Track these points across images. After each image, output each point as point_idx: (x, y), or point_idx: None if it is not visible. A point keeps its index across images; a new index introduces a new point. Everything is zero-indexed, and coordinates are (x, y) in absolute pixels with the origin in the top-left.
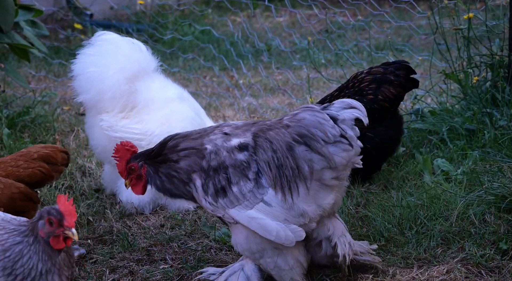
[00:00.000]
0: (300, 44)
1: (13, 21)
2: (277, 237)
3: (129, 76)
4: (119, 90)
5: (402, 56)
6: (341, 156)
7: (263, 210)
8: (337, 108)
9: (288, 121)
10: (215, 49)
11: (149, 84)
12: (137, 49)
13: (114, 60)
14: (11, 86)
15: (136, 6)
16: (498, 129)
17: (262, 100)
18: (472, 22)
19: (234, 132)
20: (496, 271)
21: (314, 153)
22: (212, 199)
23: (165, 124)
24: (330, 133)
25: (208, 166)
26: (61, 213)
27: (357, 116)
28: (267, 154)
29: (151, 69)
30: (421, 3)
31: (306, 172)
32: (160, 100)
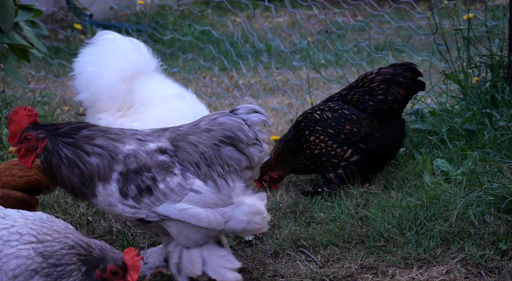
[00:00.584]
0: (300, 45)
1: (13, 21)
2: (209, 223)
3: (127, 75)
4: (116, 90)
5: (402, 57)
6: (258, 156)
7: (192, 200)
8: (243, 113)
9: (207, 125)
10: (215, 50)
11: (147, 83)
12: (137, 49)
13: (113, 60)
14: (10, 86)
15: (136, 7)
16: (498, 130)
17: (262, 100)
18: (472, 22)
19: (147, 138)
20: (495, 271)
21: (240, 153)
22: (135, 201)
23: (161, 121)
24: (249, 136)
25: (127, 170)
26: (127, 268)
27: (264, 119)
28: (193, 156)
29: (151, 69)
30: (421, 3)
31: (235, 169)
32: (157, 98)
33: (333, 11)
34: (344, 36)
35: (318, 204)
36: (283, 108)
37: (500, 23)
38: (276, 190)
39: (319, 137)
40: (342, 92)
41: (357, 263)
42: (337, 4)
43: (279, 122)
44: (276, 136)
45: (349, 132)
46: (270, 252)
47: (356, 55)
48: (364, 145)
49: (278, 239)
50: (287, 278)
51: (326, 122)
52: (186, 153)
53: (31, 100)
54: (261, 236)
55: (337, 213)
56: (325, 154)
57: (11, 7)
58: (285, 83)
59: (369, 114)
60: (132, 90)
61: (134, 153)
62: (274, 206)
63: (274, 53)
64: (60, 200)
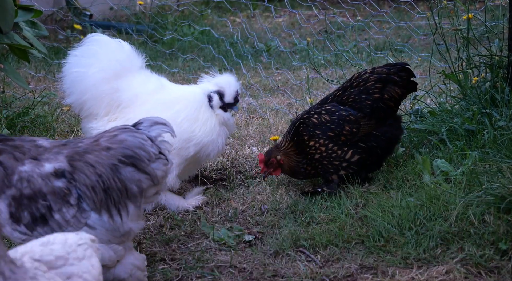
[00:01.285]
0: (299, 45)
1: (12, 21)
2: (102, 259)
3: (109, 75)
4: (99, 90)
5: (401, 57)
6: (162, 170)
7: None
8: (146, 127)
9: (107, 143)
10: (214, 50)
11: (132, 82)
12: (120, 49)
13: (95, 60)
14: (10, 86)
15: (135, 7)
16: (498, 130)
17: (262, 100)
18: (472, 22)
19: (43, 156)
20: (495, 271)
21: (141, 173)
22: (27, 229)
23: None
24: (151, 152)
25: (20, 195)
26: None
27: (167, 131)
28: (90, 179)
29: (136, 67)
30: (421, 3)
31: (135, 192)
32: (142, 95)
33: (333, 11)
34: (343, 36)
35: (318, 204)
36: (283, 108)
37: (500, 23)
38: (277, 176)
39: (319, 141)
40: (336, 93)
41: (357, 263)
42: (336, 4)
43: (279, 122)
44: (276, 136)
45: (349, 133)
46: (270, 252)
47: (355, 55)
48: (364, 144)
49: (278, 239)
50: (287, 278)
51: (325, 125)
52: (83, 175)
53: (31, 101)
54: (261, 236)
55: (337, 213)
56: (326, 157)
57: (11, 7)
58: (285, 83)
59: (367, 113)
60: (118, 90)
61: (28, 177)
62: (274, 206)
63: (274, 53)
64: None
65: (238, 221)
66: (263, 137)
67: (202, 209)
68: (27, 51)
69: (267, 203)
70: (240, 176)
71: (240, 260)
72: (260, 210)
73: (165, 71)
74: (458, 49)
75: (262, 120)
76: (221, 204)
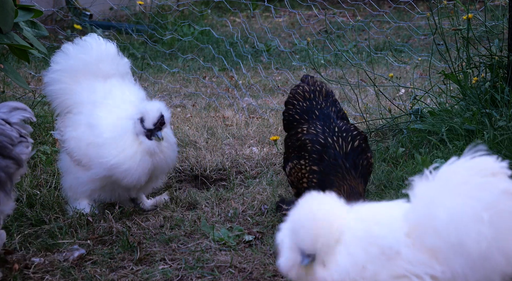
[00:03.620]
0: (299, 45)
1: (12, 21)
2: None
3: (70, 74)
4: (56, 86)
5: (401, 57)
6: (25, 154)
7: None
8: (6, 113)
9: None
10: (214, 50)
11: (92, 86)
12: (95, 49)
13: (64, 58)
14: (10, 86)
15: (135, 7)
16: (497, 130)
17: (262, 100)
18: (472, 22)
19: None
20: None
21: (7, 159)
22: None
23: (72, 127)
24: (13, 136)
25: None
26: None
27: (27, 116)
28: None
29: (106, 73)
30: (421, 3)
31: (4, 179)
32: (86, 103)
33: (333, 11)
34: (343, 36)
35: None
36: (283, 108)
37: (500, 23)
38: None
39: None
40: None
41: None
42: (336, 4)
43: (279, 122)
44: (276, 136)
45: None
46: (270, 252)
47: (355, 55)
48: None
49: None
50: (287, 278)
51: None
52: None
53: (31, 101)
54: (261, 236)
55: None
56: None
57: (11, 7)
58: (285, 83)
59: None
60: (72, 92)
61: None
62: (274, 206)
63: (274, 53)
64: (60, 200)
65: (238, 221)
66: (263, 137)
67: (202, 209)
68: (27, 51)
69: (267, 203)
70: (240, 176)
71: (240, 260)
72: (260, 210)
73: (165, 71)
74: (458, 49)
75: (262, 120)
76: (221, 204)
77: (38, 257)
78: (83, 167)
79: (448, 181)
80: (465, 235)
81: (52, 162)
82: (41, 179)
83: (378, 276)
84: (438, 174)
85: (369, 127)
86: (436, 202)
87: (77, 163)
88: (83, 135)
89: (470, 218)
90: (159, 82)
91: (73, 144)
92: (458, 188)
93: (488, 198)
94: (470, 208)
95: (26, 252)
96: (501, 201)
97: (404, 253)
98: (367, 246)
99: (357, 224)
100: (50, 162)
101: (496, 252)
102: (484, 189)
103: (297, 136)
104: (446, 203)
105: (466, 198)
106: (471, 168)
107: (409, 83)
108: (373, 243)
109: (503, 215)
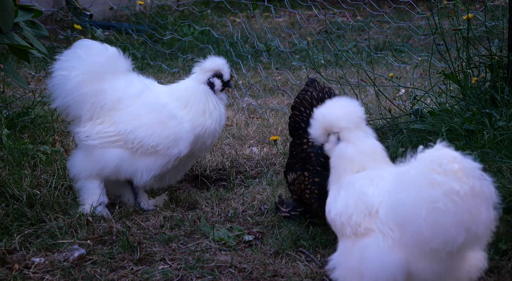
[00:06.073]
0: (299, 45)
1: (12, 22)
2: None
3: (91, 78)
4: (80, 92)
5: (401, 57)
6: None
7: None
8: None
9: None
10: (214, 50)
11: (115, 84)
12: (103, 52)
13: (77, 63)
14: (10, 86)
15: (135, 7)
16: (498, 130)
17: (262, 100)
18: (472, 22)
19: None
20: (495, 271)
21: None
22: None
23: (136, 119)
24: None
25: None
26: None
27: None
28: None
29: (120, 70)
30: (421, 3)
31: None
32: (127, 97)
33: (333, 11)
34: (343, 36)
35: None
36: (283, 108)
37: (500, 23)
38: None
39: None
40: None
41: None
42: (336, 4)
43: (279, 122)
44: (276, 136)
45: None
46: (270, 252)
47: (355, 55)
48: None
49: (278, 239)
50: (287, 278)
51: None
52: None
53: (31, 101)
54: (261, 236)
55: None
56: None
57: (11, 7)
58: (285, 83)
59: None
60: (100, 93)
61: None
62: (274, 206)
63: (274, 53)
64: (60, 200)
65: (238, 221)
66: (263, 137)
67: (202, 209)
68: (27, 51)
69: (267, 203)
70: (240, 176)
71: (240, 260)
72: (260, 210)
73: (165, 71)
74: (458, 49)
75: (262, 120)
76: (221, 204)
77: (38, 257)
78: (157, 152)
79: (415, 168)
80: (407, 222)
81: (52, 162)
82: (41, 179)
83: (359, 226)
84: (415, 160)
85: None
86: (397, 184)
87: (150, 150)
88: (154, 120)
89: (411, 208)
90: (159, 82)
91: (143, 132)
92: (415, 179)
93: (431, 195)
94: (413, 199)
95: (26, 252)
96: (442, 201)
97: (381, 213)
98: (357, 200)
99: (359, 180)
100: (50, 162)
101: (434, 240)
102: (432, 186)
103: (302, 146)
104: (400, 188)
105: (415, 190)
106: (433, 161)
107: (409, 83)
108: (362, 199)
109: (439, 213)
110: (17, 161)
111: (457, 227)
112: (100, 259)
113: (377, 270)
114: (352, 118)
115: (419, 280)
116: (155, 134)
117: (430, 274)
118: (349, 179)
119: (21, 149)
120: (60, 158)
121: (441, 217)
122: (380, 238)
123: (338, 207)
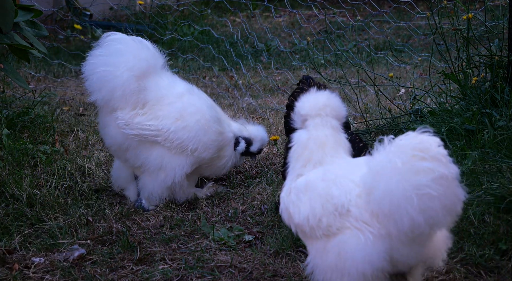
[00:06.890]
0: (299, 45)
1: (12, 21)
2: None
3: (138, 74)
4: (129, 88)
5: (401, 57)
6: None
7: None
8: None
9: None
10: (214, 50)
11: (158, 81)
12: (145, 48)
13: (123, 59)
14: (10, 86)
15: (135, 7)
16: (498, 130)
17: (262, 100)
18: (472, 22)
19: None
20: (495, 271)
21: None
22: None
23: (179, 119)
24: None
25: None
26: None
27: None
28: None
29: (159, 66)
30: (421, 3)
31: None
32: (170, 95)
33: (333, 11)
34: (343, 36)
35: None
36: (283, 108)
37: (500, 23)
38: (277, 176)
39: None
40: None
41: None
42: (336, 4)
43: (279, 122)
44: (276, 136)
45: None
46: (270, 252)
47: (355, 55)
48: None
49: (278, 239)
50: (287, 278)
51: None
52: None
53: (31, 101)
54: (261, 236)
55: None
56: None
57: (11, 7)
58: (285, 83)
59: None
60: (145, 89)
61: None
62: (274, 206)
63: (274, 53)
64: (60, 200)
65: (238, 221)
66: None
67: (202, 209)
68: (27, 51)
69: (267, 203)
70: (240, 176)
71: (240, 260)
72: (260, 210)
73: None
74: (458, 49)
75: (262, 120)
76: (221, 204)
77: (38, 257)
78: (193, 153)
79: (395, 156)
80: (395, 210)
81: (52, 162)
82: (41, 179)
83: (330, 227)
84: (390, 147)
85: (369, 127)
86: (380, 175)
87: (191, 152)
88: (197, 124)
89: (402, 197)
90: None
91: (186, 134)
92: (398, 167)
93: (420, 182)
94: (403, 188)
95: (26, 252)
96: (432, 187)
97: (353, 212)
98: (324, 202)
99: (320, 183)
100: (50, 162)
101: (424, 224)
102: (420, 173)
103: None
104: (386, 179)
105: (402, 178)
106: (414, 148)
107: (409, 83)
108: (329, 201)
109: (429, 198)
110: (17, 161)
111: (443, 210)
112: (100, 259)
113: (361, 262)
114: (314, 106)
115: (398, 264)
116: (196, 138)
117: (411, 257)
118: (307, 181)
119: (21, 149)
120: (60, 158)
121: (430, 202)
122: (358, 233)
123: (303, 212)
